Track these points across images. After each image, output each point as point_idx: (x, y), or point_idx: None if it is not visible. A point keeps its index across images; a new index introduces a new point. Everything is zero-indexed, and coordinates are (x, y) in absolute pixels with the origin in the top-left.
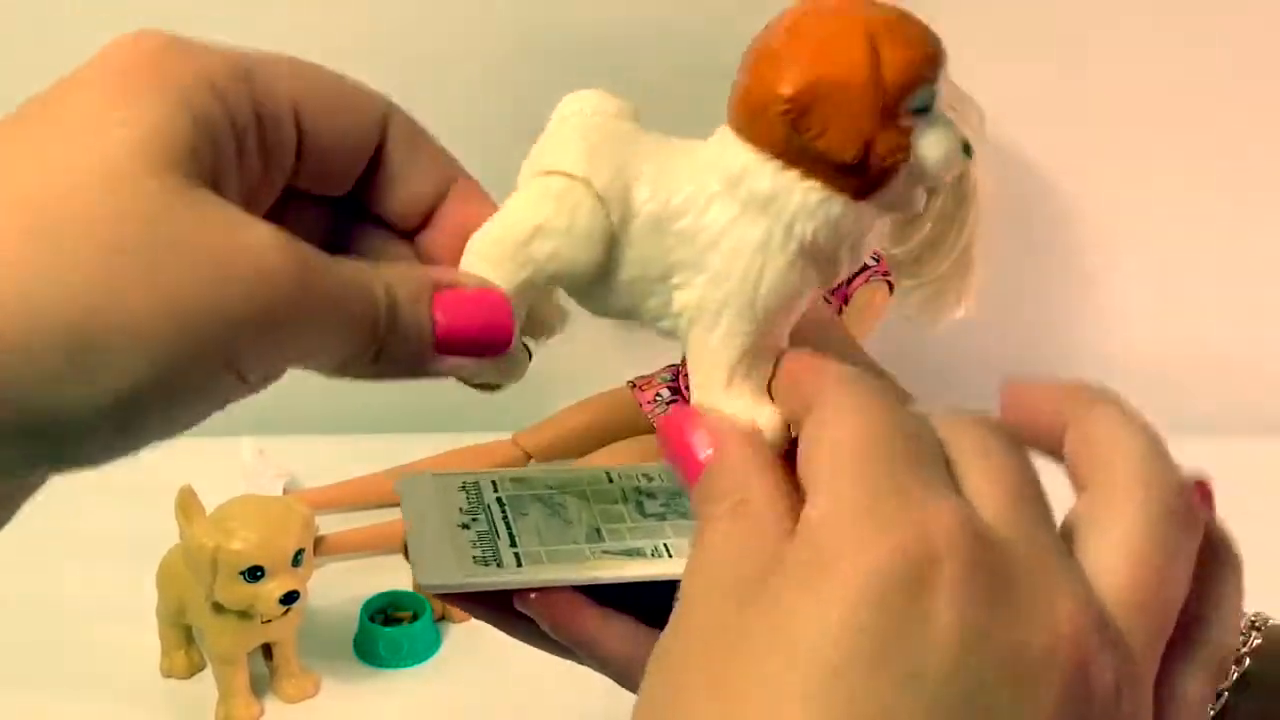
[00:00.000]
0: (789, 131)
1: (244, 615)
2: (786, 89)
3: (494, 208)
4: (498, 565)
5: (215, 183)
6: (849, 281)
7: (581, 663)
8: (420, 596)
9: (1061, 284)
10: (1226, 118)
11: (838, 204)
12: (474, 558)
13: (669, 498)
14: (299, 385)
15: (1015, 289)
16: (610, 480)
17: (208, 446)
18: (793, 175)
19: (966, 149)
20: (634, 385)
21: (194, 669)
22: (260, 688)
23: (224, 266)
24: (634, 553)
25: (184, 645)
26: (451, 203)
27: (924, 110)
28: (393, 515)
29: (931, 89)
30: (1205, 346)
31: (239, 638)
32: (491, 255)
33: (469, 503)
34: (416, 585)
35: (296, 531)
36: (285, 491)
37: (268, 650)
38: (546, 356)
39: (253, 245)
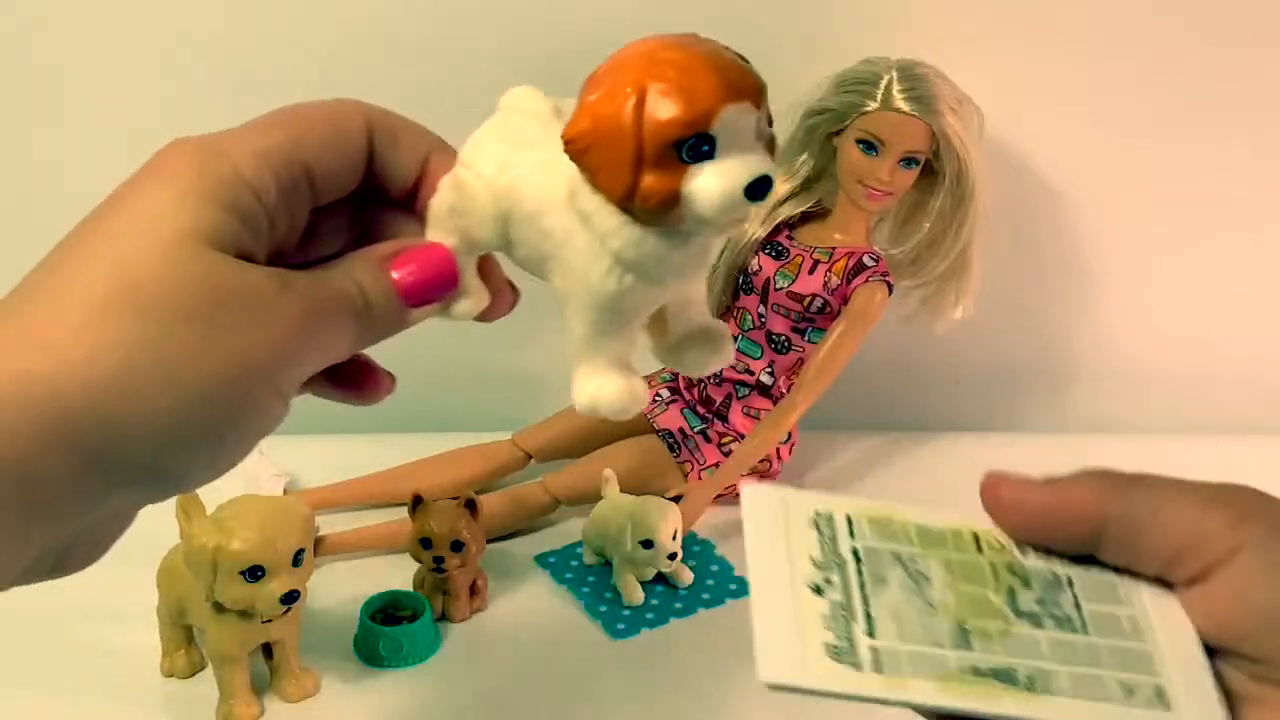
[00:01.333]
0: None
1: (244, 615)
2: (568, 133)
3: None
4: (853, 666)
5: (252, 249)
6: (848, 281)
7: None
8: (420, 596)
9: (1061, 284)
10: (1226, 118)
11: (635, 229)
12: (827, 646)
13: (1045, 589)
14: None
15: (1015, 289)
16: (979, 548)
17: None
18: (601, 199)
19: (754, 191)
20: None
21: (194, 669)
22: (260, 688)
23: (257, 331)
24: (1006, 676)
25: (184, 645)
26: (430, 171)
27: (704, 156)
28: (392, 515)
29: (705, 137)
30: (1205, 347)
31: (239, 637)
32: (433, 224)
33: (822, 551)
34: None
35: (296, 531)
36: (285, 491)
37: (268, 650)
38: (547, 357)
39: (276, 313)
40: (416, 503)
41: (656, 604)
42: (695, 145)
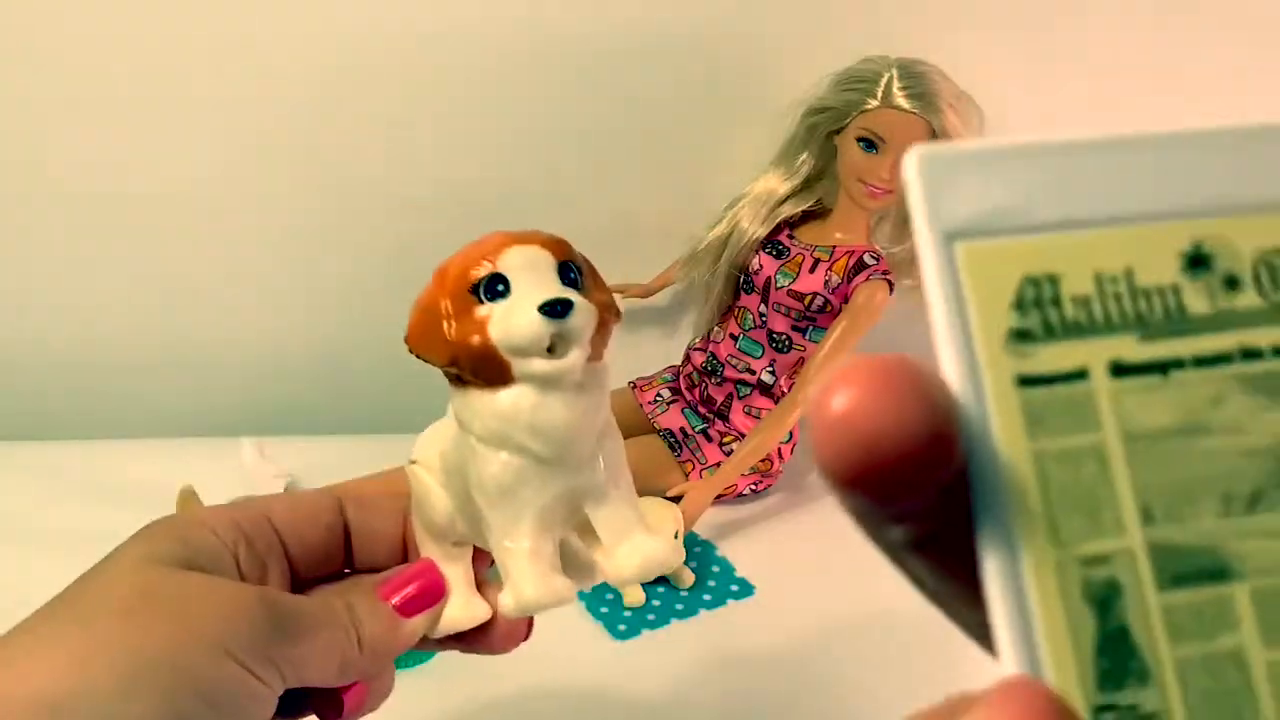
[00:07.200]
0: (430, 366)
1: None
2: (406, 339)
3: None
4: None
5: (205, 570)
6: (849, 279)
7: None
8: None
9: None
10: (1228, 118)
11: (484, 397)
12: None
13: None
14: (299, 386)
15: None
16: None
17: (208, 446)
18: (459, 397)
19: (550, 309)
20: (634, 385)
21: None
22: None
23: (201, 606)
24: None
25: None
26: (412, 531)
27: (502, 295)
28: None
29: (497, 276)
30: None
31: None
32: (414, 534)
33: None
34: None
35: None
36: (285, 491)
37: None
38: None
39: (222, 589)
40: None
41: (658, 605)
42: (490, 285)
